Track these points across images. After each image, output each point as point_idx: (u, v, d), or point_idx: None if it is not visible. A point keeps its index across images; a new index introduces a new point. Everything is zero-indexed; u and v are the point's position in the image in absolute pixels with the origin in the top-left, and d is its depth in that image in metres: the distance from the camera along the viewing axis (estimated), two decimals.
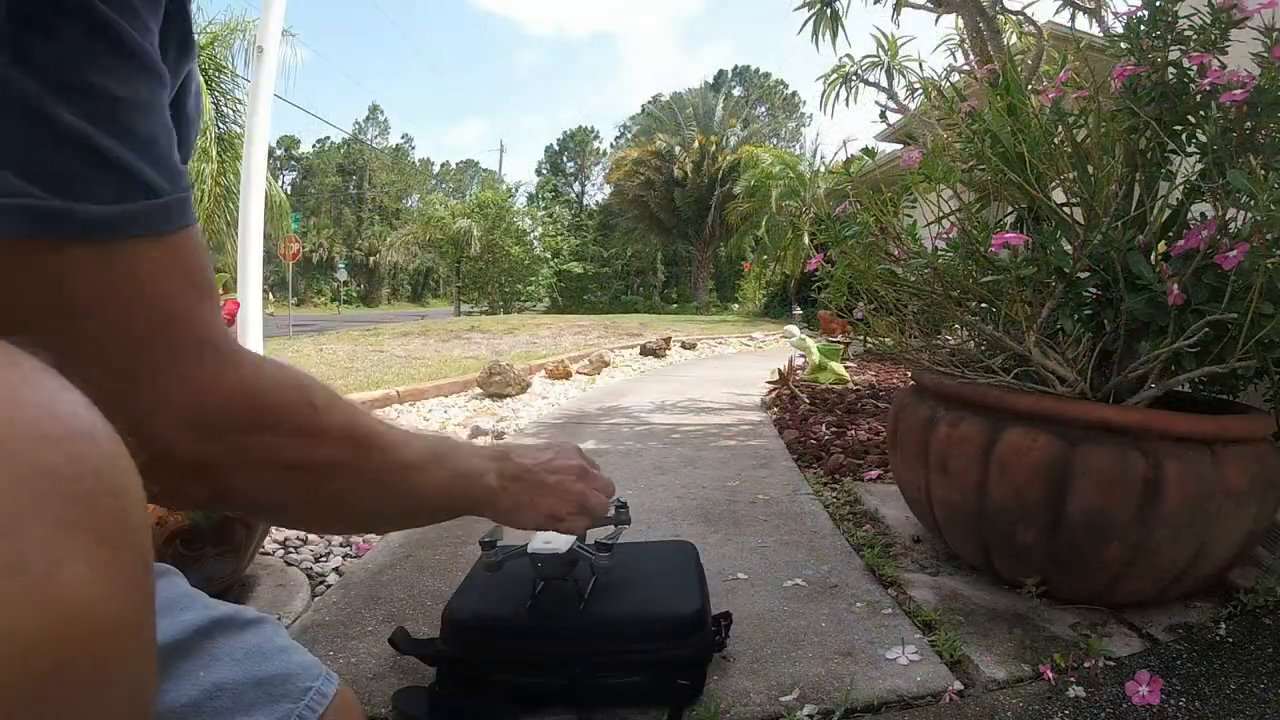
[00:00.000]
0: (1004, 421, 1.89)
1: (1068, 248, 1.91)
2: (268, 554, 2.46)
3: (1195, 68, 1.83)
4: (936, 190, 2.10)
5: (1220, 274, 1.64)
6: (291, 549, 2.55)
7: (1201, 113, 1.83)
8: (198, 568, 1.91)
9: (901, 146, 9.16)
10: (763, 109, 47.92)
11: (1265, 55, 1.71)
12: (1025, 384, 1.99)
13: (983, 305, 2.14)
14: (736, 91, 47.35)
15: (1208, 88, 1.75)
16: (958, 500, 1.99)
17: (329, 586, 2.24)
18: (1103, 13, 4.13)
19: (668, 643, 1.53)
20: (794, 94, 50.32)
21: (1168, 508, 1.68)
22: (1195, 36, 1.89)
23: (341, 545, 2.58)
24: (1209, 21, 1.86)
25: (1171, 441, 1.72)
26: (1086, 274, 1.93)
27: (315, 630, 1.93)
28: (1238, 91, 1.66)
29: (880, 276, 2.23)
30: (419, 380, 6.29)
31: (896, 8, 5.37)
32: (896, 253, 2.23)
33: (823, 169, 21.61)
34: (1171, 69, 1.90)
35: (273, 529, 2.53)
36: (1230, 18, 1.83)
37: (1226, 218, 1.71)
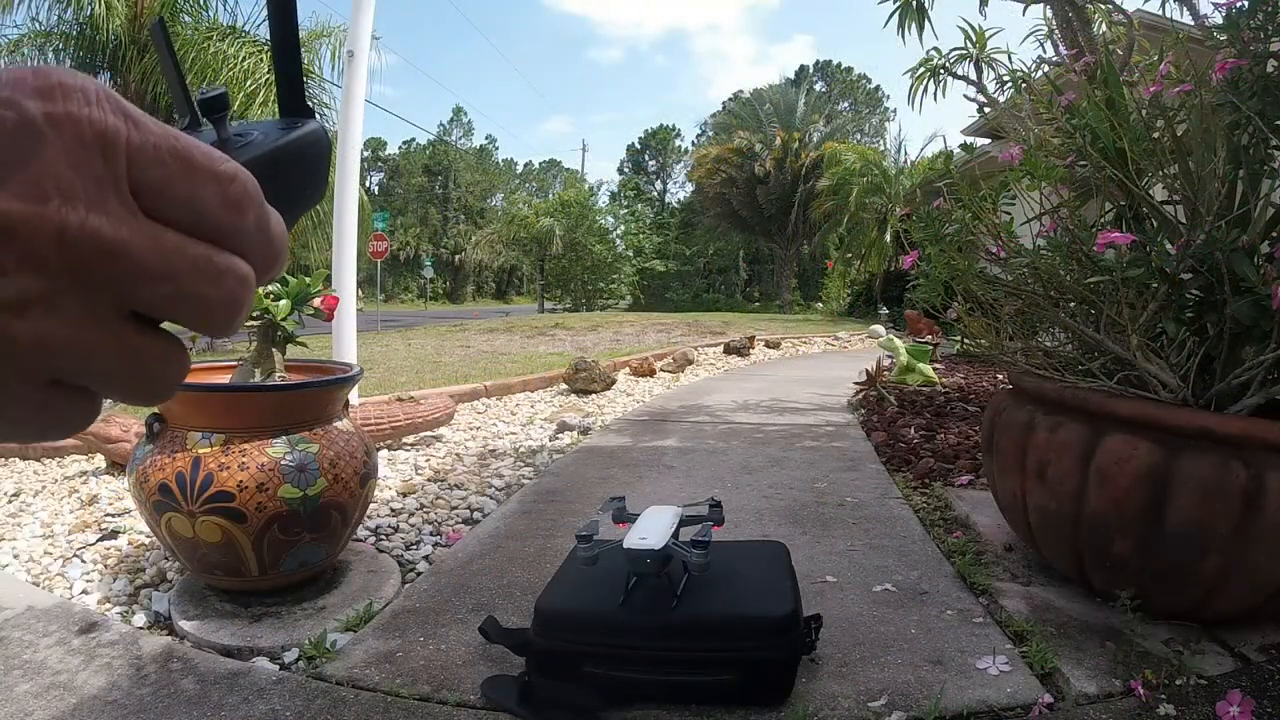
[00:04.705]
0: (1104, 427, 1.84)
1: (1170, 248, 1.84)
2: (360, 541, 2.55)
3: None
4: (1039, 187, 2.04)
5: None
6: (384, 535, 2.64)
7: None
8: (294, 552, 1.99)
9: (990, 141, 8.91)
10: (846, 104, 47.17)
11: None
12: (1126, 389, 1.92)
13: (1082, 306, 2.08)
14: (818, 87, 46.62)
15: None
16: (1054, 508, 1.94)
17: (419, 574, 2.31)
18: (1195, 1, 3.94)
19: (759, 643, 1.53)
20: (877, 88, 49.35)
21: (1267, 521, 1.61)
22: None
23: (432, 535, 2.66)
24: None
25: (1273, 452, 1.65)
26: (1190, 275, 1.86)
27: (406, 616, 1.99)
28: None
29: (979, 276, 2.18)
30: (506, 375, 6.40)
31: None
32: (996, 251, 2.18)
33: (908, 164, 21.16)
34: (1273, 61, 1.81)
35: (365, 519, 2.62)
36: None
37: None
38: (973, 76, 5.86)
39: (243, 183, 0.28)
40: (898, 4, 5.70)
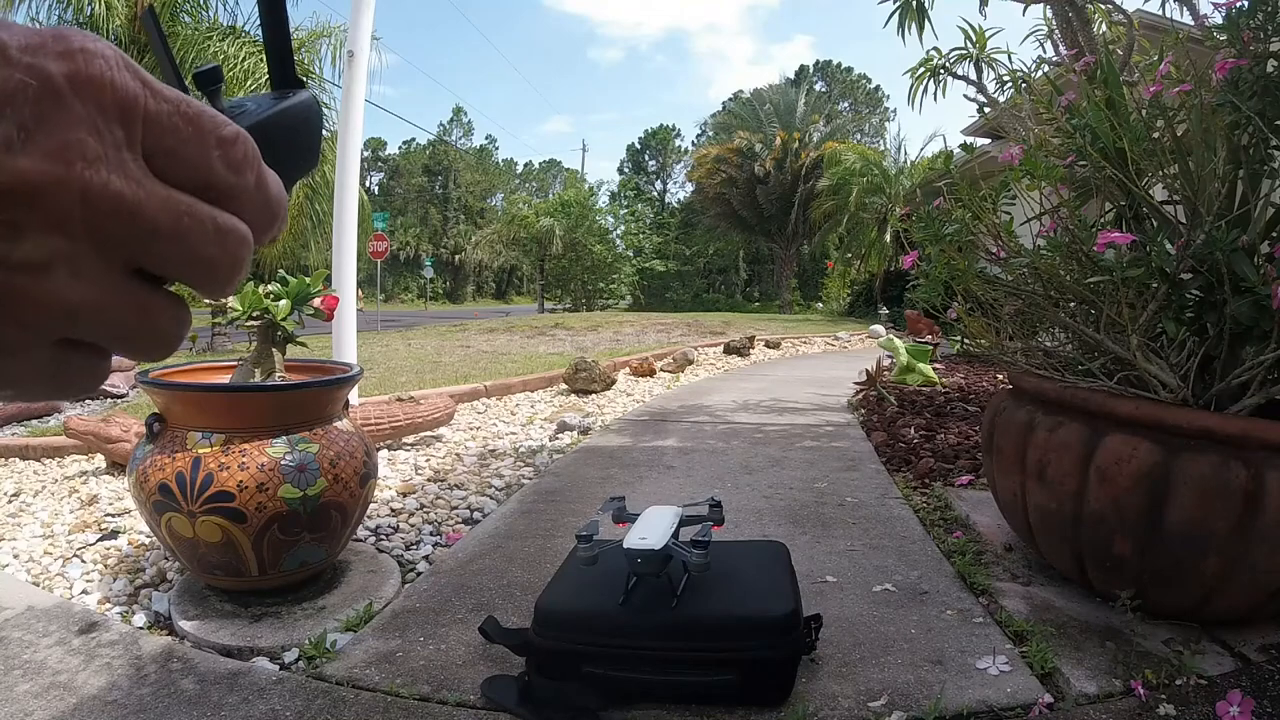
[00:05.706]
0: (1104, 427, 1.84)
1: (1170, 248, 1.84)
2: (360, 541, 2.55)
3: None
4: (1039, 187, 2.04)
5: None
6: (384, 535, 2.64)
7: None
8: (294, 552, 1.99)
9: (990, 141, 8.89)
10: (846, 104, 47.12)
11: None
12: (1126, 389, 1.92)
13: (1082, 306, 2.08)
14: (818, 87, 46.54)
15: None
16: (1054, 508, 1.94)
17: (419, 574, 2.31)
18: (1195, 1, 3.94)
19: (759, 642, 1.53)
20: (877, 88, 49.35)
21: (1267, 521, 1.61)
22: None
23: (432, 535, 2.66)
24: None
25: (1273, 452, 1.65)
26: (1189, 275, 1.86)
27: (406, 616, 1.99)
28: None
29: (979, 275, 2.18)
30: (506, 375, 6.40)
31: None
32: (996, 251, 2.18)
33: (908, 164, 21.17)
34: (1273, 61, 1.81)
35: (365, 519, 2.62)
36: None
37: None
38: (973, 76, 5.86)
39: (243, 145, 0.29)
40: (898, 4, 5.70)
